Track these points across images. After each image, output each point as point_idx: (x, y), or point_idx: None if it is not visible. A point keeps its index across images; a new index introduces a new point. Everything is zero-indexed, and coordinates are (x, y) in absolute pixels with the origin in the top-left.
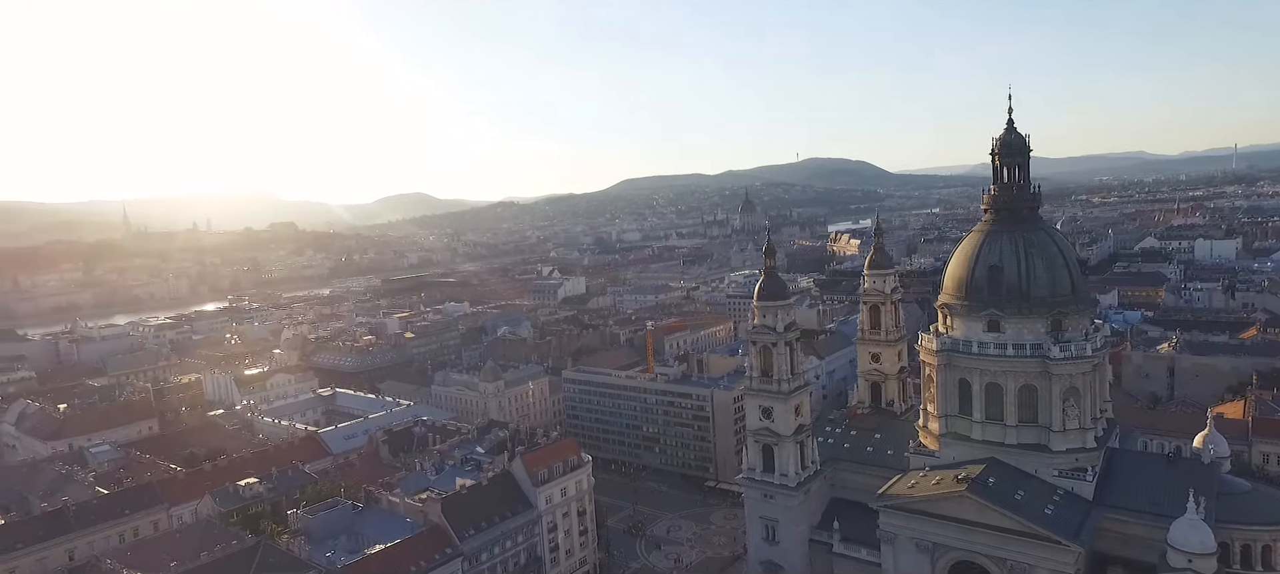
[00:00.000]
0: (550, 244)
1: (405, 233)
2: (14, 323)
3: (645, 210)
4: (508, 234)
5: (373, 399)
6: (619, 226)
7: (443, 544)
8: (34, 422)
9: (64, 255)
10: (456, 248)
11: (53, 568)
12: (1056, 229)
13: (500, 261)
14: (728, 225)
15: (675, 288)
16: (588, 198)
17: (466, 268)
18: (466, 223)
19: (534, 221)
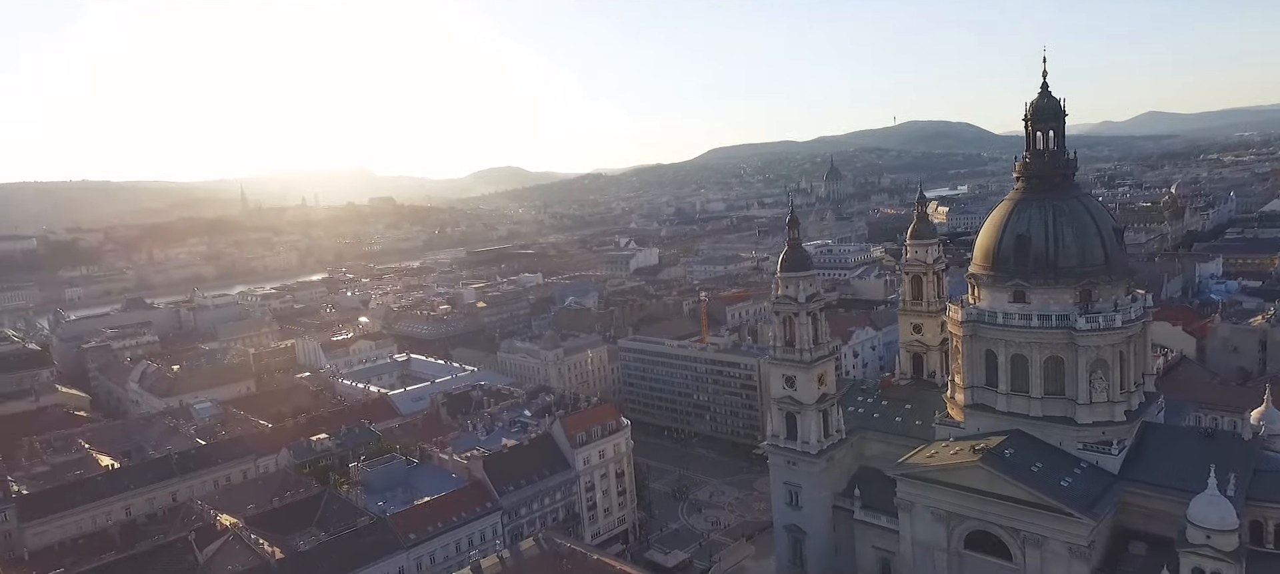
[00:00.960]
0: (634, 215)
1: (496, 206)
2: (148, 292)
3: (732, 180)
4: (594, 205)
5: (442, 365)
6: (704, 197)
7: (484, 498)
8: (152, 381)
9: (191, 230)
10: (543, 220)
11: (158, 507)
12: (1092, 197)
13: (583, 233)
14: (812, 194)
15: (746, 258)
16: (674, 168)
17: (549, 239)
18: (555, 195)
19: (620, 193)
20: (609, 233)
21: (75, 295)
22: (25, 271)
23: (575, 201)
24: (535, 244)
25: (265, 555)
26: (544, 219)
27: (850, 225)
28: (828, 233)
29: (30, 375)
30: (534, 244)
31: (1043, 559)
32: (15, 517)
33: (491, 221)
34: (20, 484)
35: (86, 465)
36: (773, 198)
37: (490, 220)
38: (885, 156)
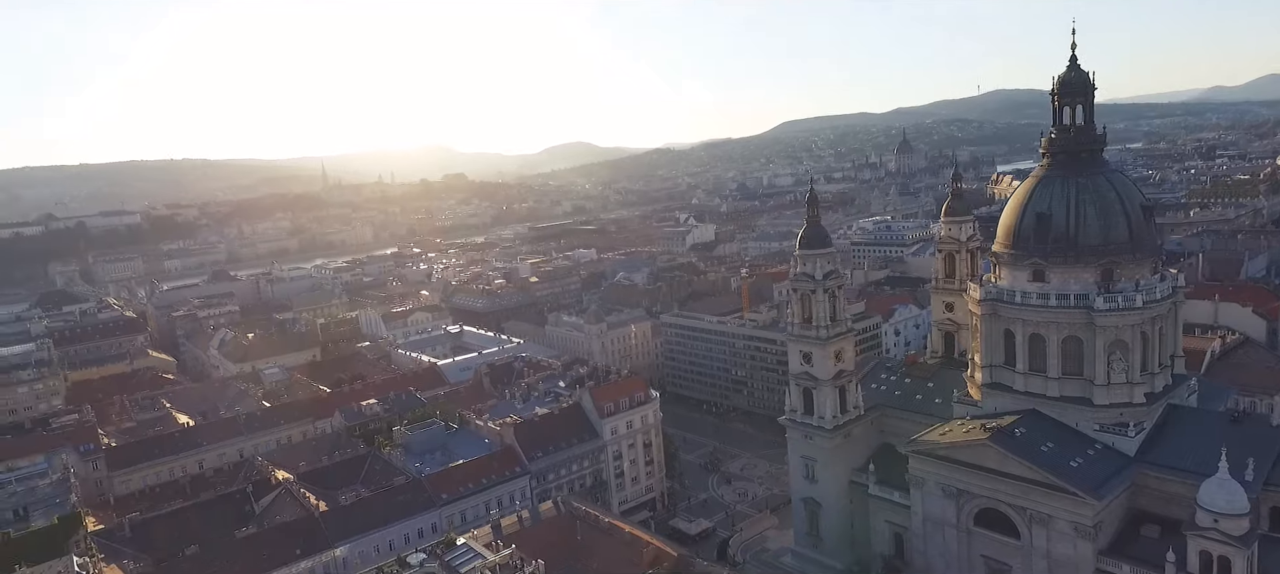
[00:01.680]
0: (699, 190)
1: (564, 182)
2: (236, 264)
3: (802, 154)
4: (661, 181)
5: (492, 337)
6: (772, 172)
7: (513, 463)
8: (229, 347)
9: (277, 206)
10: (609, 195)
11: (225, 461)
12: (1121, 174)
13: (646, 209)
14: (881, 168)
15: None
16: (744, 142)
17: (611, 215)
18: (623, 170)
19: (688, 168)
20: (671, 209)
21: (173, 266)
22: (131, 244)
23: (642, 177)
24: (596, 220)
25: (310, 508)
26: (609, 194)
27: (916, 201)
28: (891, 209)
29: (128, 340)
30: (595, 220)
31: (1049, 538)
32: (104, 465)
33: (557, 197)
34: (110, 437)
35: (166, 423)
36: (842, 173)
37: (556, 196)
38: (966, 128)
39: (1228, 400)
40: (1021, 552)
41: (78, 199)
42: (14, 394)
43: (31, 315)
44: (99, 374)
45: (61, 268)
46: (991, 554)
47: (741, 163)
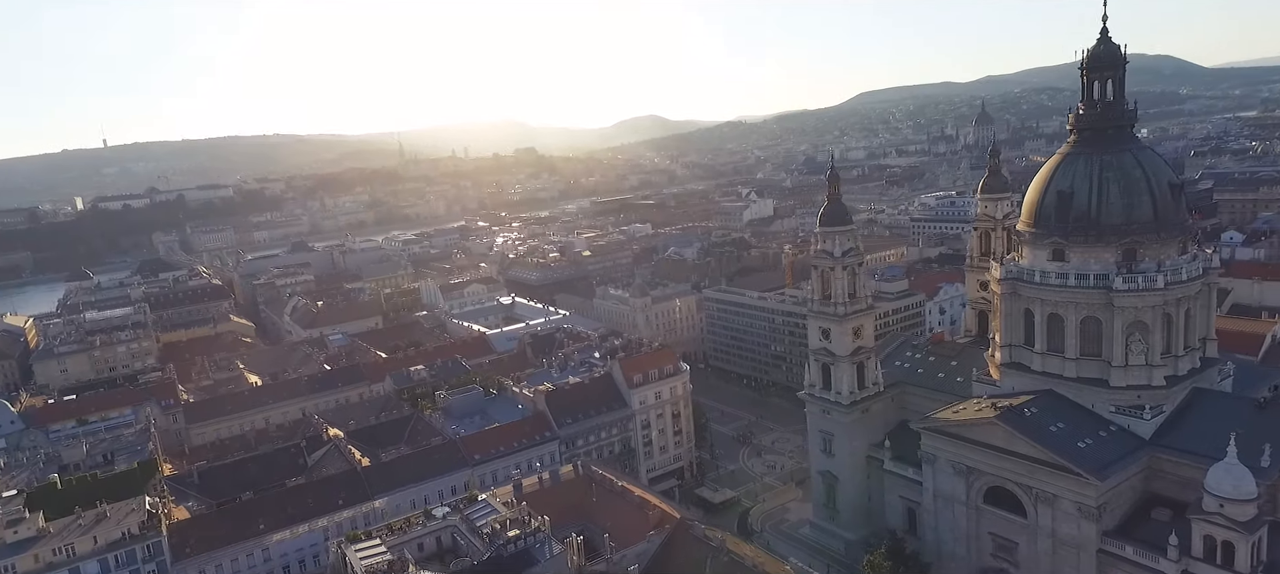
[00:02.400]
0: (767, 165)
1: (632, 156)
2: (318, 236)
3: (879, 126)
4: (729, 155)
5: (540, 308)
6: (845, 145)
7: (544, 428)
8: (300, 314)
9: (357, 180)
10: (675, 170)
11: (288, 418)
12: (1150, 150)
13: (710, 183)
14: (958, 141)
15: (862, 210)
16: (819, 114)
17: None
18: (693, 144)
19: (759, 141)
20: (736, 183)
21: (261, 237)
22: (224, 216)
23: (711, 150)
24: (657, 195)
25: (355, 463)
26: (676, 169)
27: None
28: (960, 183)
29: (214, 306)
30: (656, 195)
31: (1054, 517)
32: (183, 418)
33: (625, 171)
34: (189, 394)
35: (238, 382)
36: (917, 146)
37: (624, 170)
38: (1058, 97)
39: (1268, 386)
40: (1028, 530)
41: (181, 173)
42: (113, 352)
43: (132, 281)
44: (187, 336)
45: (163, 237)
46: (999, 532)
47: (814, 135)
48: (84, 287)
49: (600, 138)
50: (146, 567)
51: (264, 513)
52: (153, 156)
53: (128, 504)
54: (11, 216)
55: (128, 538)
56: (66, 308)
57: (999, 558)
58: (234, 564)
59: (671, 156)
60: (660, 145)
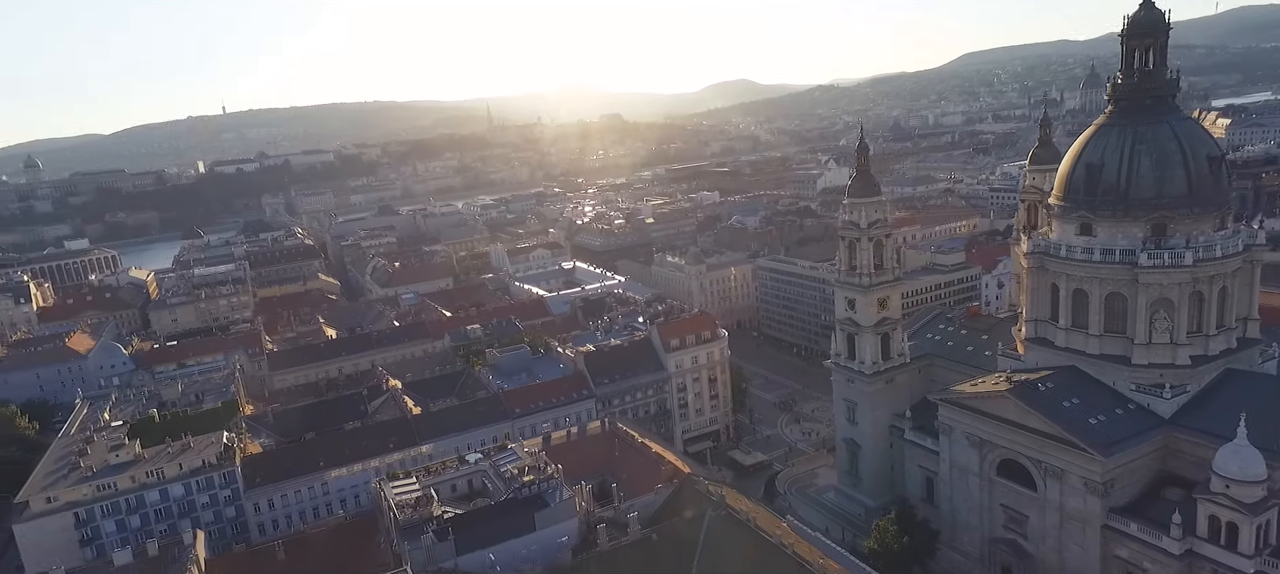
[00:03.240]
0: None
1: (718, 122)
2: (409, 200)
3: (981, 89)
4: (818, 120)
5: (598, 273)
6: (941, 110)
7: (582, 386)
8: (379, 274)
9: (446, 146)
10: (759, 135)
11: (357, 369)
12: (1191, 120)
13: (794, 150)
14: (1061, 106)
15: (940, 179)
16: (917, 77)
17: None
18: (783, 109)
19: (851, 105)
20: (816, 150)
21: (356, 200)
22: (325, 180)
23: (799, 116)
24: (734, 162)
25: (407, 411)
26: (760, 134)
27: None
28: None
29: (306, 264)
30: (733, 162)
31: (1062, 491)
32: (266, 365)
33: (707, 138)
34: (274, 343)
35: (317, 335)
36: (1021, 110)
37: (706, 137)
38: (1191, 55)
39: None
40: (1037, 503)
41: (289, 138)
42: (215, 305)
43: (237, 241)
44: (280, 291)
45: (270, 199)
46: (1010, 504)
47: (909, 100)
48: (195, 244)
49: (687, 103)
50: (222, 492)
51: (324, 452)
52: (265, 123)
53: (209, 437)
54: (142, 179)
55: (207, 466)
56: (179, 263)
57: (1010, 529)
58: (296, 496)
59: (757, 122)
60: (749, 110)
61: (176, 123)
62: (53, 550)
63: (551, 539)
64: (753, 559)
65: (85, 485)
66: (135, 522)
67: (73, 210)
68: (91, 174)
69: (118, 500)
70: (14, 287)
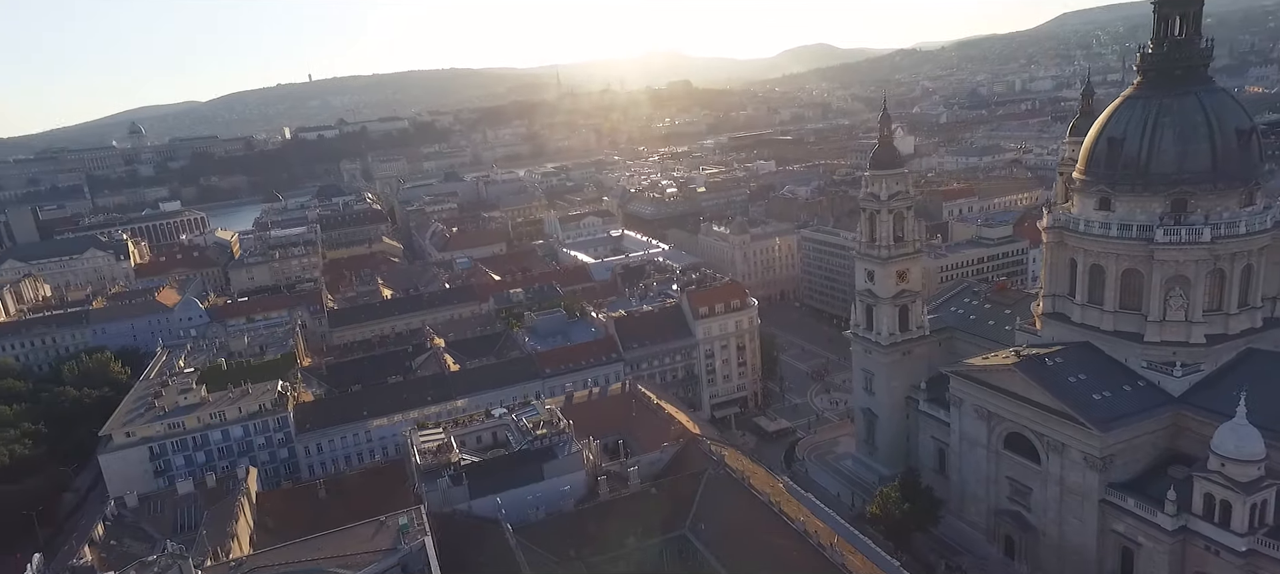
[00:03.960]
0: (935, 96)
1: (791, 89)
2: (478, 167)
3: (1077, 52)
4: (896, 87)
5: (644, 241)
6: (1030, 75)
7: (610, 350)
8: (437, 238)
9: (516, 114)
10: (831, 103)
11: (407, 328)
12: (1223, 92)
13: (864, 118)
14: None
15: (1009, 150)
16: (1008, 39)
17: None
18: (859, 75)
19: (932, 71)
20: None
21: (429, 167)
22: (400, 146)
23: (877, 82)
24: (797, 130)
25: (446, 368)
26: (832, 101)
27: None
28: None
29: (373, 228)
30: (798, 130)
31: (1063, 465)
32: (327, 322)
33: (778, 105)
34: (335, 302)
35: (375, 295)
36: (1116, 75)
37: (778, 103)
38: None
39: None
40: (1040, 477)
41: (369, 105)
42: (287, 265)
43: (311, 204)
44: (347, 253)
45: (348, 165)
46: (1015, 476)
47: (996, 64)
48: (274, 208)
49: (761, 69)
50: (276, 435)
51: (368, 402)
52: (347, 90)
53: (266, 385)
54: (232, 145)
55: (262, 411)
56: (259, 225)
57: (1014, 501)
58: (341, 441)
59: (832, 89)
60: (827, 76)
61: (267, 90)
62: (131, 478)
63: (557, 489)
64: (742, 515)
65: (158, 423)
66: (200, 457)
67: (171, 174)
68: (188, 140)
69: (185, 437)
70: (115, 244)
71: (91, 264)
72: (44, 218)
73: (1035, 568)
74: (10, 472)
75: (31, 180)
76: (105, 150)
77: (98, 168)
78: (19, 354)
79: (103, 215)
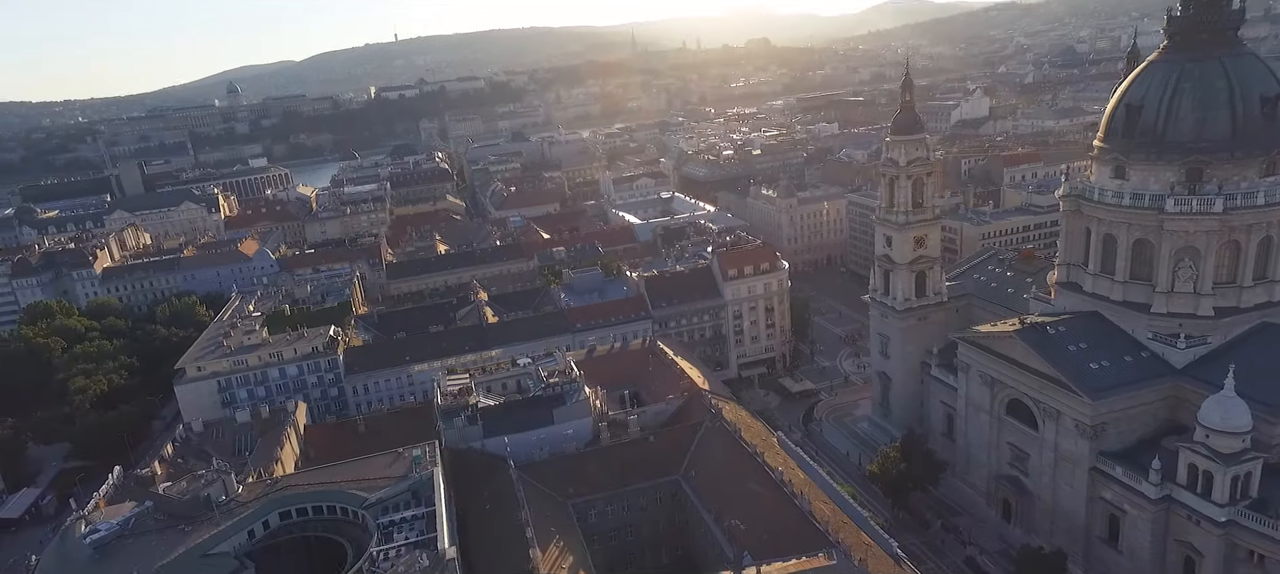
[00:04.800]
0: (1029, 54)
1: (875, 46)
2: (549, 127)
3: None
4: (988, 43)
5: (692, 203)
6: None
7: (640, 308)
8: (495, 197)
9: (590, 73)
10: (915, 61)
11: (458, 281)
12: (1251, 56)
13: (948, 77)
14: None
15: (1089, 112)
16: None
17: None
18: (950, 30)
19: (1032, 25)
20: (960, 80)
21: (503, 127)
22: (476, 106)
23: (969, 38)
24: (870, 92)
25: (484, 319)
26: (916, 61)
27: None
28: None
29: (439, 186)
30: (868, 92)
31: (1058, 432)
32: (385, 274)
33: (859, 63)
34: (394, 255)
35: (431, 250)
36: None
37: (859, 62)
38: None
39: None
40: (1037, 443)
41: (451, 64)
42: (357, 221)
43: (383, 163)
44: (413, 210)
45: (427, 124)
46: (1015, 442)
47: (1104, 18)
48: (350, 165)
49: (846, 25)
50: (327, 375)
51: (411, 349)
52: (431, 49)
53: (321, 330)
54: (320, 104)
55: (315, 353)
56: (335, 182)
57: (1013, 466)
58: (386, 383)
59: (917, 46)
60: (917, 32)
61: (355, 50)
62: (202, 407)
63: (562, 433)
64: (730, 464)
65: (225, 360)
66: (261, 392)
67: (264, 132)
68: (279, 99)
69: (248, 374)
70: (207, 198)
71: (186, 216)
72: (149, 172)
73: (1029, 530)
74: (108, 398)
75: (143, 137)
76: (205, 109)
77: (199, 125)
78: (122, 295)
79: (201, 171)
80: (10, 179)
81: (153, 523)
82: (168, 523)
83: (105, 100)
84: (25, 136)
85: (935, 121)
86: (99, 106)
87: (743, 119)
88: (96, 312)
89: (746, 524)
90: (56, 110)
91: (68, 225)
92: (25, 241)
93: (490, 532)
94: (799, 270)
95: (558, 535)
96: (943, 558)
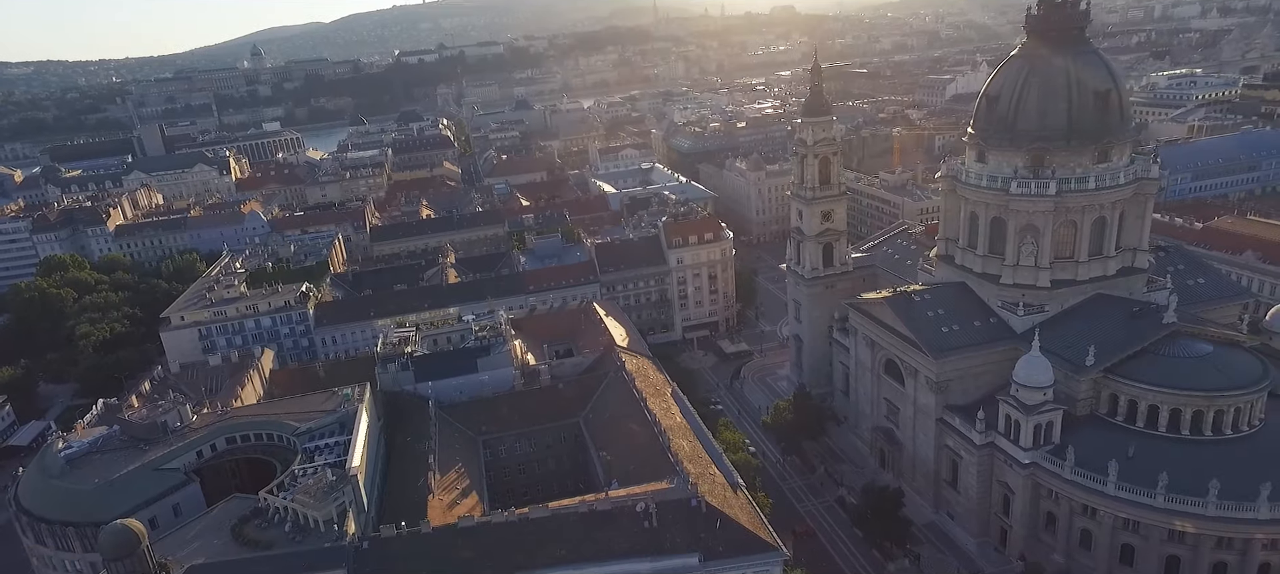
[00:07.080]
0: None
1: (903, 14)
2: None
3: None
4: (1018, 11)
5: (668, 175)
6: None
7: (589, 273)
8: (487, 166)
9: (609, 39)
10: (939, 30)
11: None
12: (1093, 54)
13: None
14: None
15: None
16: None
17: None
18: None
19: None
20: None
21: (520, 93)
22: (495, 71)
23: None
24: (874, 64)
25: (446, 280)
26: (941, 30)
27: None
28: (1255, 56)
29: (438, 153)
30: (873, 64)
31: (917, 388)
32: (368, 237)
33: (883, 33)
34: (378, 219)
35: (415, 215)
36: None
37: (883, 31)
38: None
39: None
40: (904, 397)
41: (475, 28)
42: (354, 185)
43: (389, 129)
44: (411, 176)
45: (444, 90)
46: (890, 397)
47: None
48: (358, 131)
49: None
50: (298, 327)
51: (375, 305)
52: (456, 13)
53: (294, 286)
54: (341, 68)
55: (287, 307)
56: (341, 147)
57: (888, 419)
58: (351, 335)
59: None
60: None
61: (383, 12)
62: (185, 352)
63: (480, 380)
64: (621, 408)
65: (207, 310)
66: (238, 340)
67: (286, 95)
68: (301, 62)
69: (226, 324)
70: (219, 161)
71: (199, 177)
72: (170, 134)
73: (897, 475)
74: (110, 344)
75: (169, 98)
76: (230, 71)
77: (223, 88)
78: (131, 252)
79: (222, 133)
80: (42, 137)
81: (118, 443)
82: (130, 443)
83: (138, 60)
84: (60, 95)
85: (931, 95)
86: (132, 66)
87: (747, 89)
88: (107, 266)
89: (617, 456)
90: (92, 70)
91: (88, 184)
92: (49, 199)
93: (406, 459)
94: (765, 240)
95: (461, 463)
96: (818, 497)
